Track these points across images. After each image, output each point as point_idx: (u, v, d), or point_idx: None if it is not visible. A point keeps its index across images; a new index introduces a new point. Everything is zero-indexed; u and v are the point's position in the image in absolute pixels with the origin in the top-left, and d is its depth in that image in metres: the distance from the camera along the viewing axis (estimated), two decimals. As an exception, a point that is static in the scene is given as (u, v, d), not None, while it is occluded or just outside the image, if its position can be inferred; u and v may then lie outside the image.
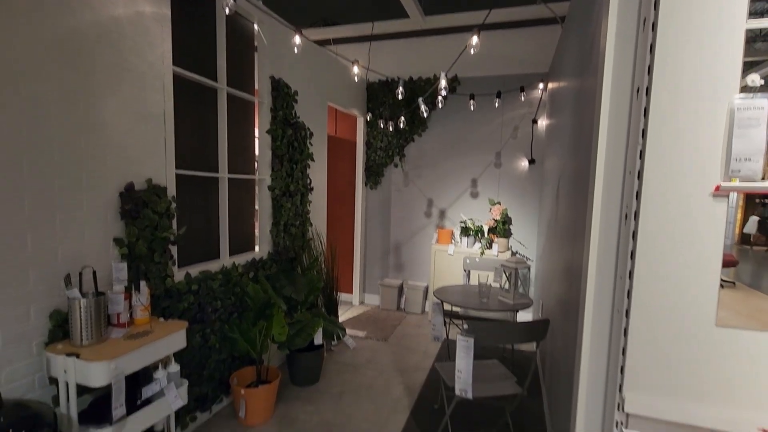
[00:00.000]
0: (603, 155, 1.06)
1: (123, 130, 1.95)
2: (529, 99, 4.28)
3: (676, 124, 0.96)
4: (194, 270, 2.43)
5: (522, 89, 4.12)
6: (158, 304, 2.16)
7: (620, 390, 1.03)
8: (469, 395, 2.01)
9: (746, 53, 0.92)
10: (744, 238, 0.99)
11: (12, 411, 1.37)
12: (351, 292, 5.09)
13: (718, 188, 0.93)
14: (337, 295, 3.72)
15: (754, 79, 0.91)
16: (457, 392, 2.03)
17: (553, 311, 2.53)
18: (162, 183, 2.17)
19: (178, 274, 2.32)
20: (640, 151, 0.99)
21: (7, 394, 1.52)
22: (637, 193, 0.99)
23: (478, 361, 2.44)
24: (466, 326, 2.00)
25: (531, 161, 4.34)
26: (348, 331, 4.09)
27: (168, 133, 2.19)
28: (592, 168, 1.09)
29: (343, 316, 4.63)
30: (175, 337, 1.91)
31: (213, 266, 2.58)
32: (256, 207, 3.11)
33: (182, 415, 2.37)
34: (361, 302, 5.12)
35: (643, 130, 0.99)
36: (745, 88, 0.93)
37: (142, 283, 1.93)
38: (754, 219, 0.98)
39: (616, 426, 1.04)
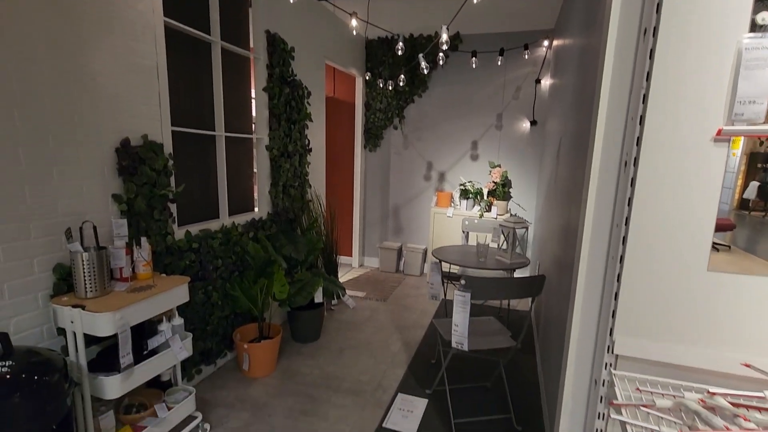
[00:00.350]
0: (606, 101, 1.04)
1: (115, 83, 1.91)
2: (533, 57, 4.16)
3: (682, 66, 0.94)
4: (194, 229, 2.45)
5: (526, 47, 4.00)
6: (160, 260, 2.19)
7: (611, 333, 1.06)
8: (465, 348, 2.08)
9: (757, 9, 0.89)
10: (743, 204, 0.99)
11: (23, 357, 1.42)
12: (350, 255, 5.15)
13: (719, 132, 0.92)
14: (336, 256, 3.77)
15: (765, 17, 0.88)
16: (454, 345, 2.10)
17: (550, 271, 2.57)
18: (158, 140, 2.14)
19: (179, 232, 2.34)
20: (644, 95, 0.97)
21: (16, 344, 1.57)
22: (638, 138, 0.99)
23: (474, 318, 2.51)
24: (463, 282, 2.03)
25: (533, 123, 4.28)
26: (348, 291, 4.18)
27: (162, 87, 2.15)
28: (594, 114, 1.08)
29: (343, 277, 4.71)
30: (177, 291, 1.95)
31: (213, 225, 2.60)
32: (255, 169, 3.09)
33: (188, 368, 2.46)
34: (361, 265, 5.20)
35: (648, 73, 0.96)
36: (754, 28, 0.90)
37: (143, 239, 1.95)
38: (754, 184, 0.98)
39: (605, 367, 1.08)
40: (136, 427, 1.85)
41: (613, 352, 1.06)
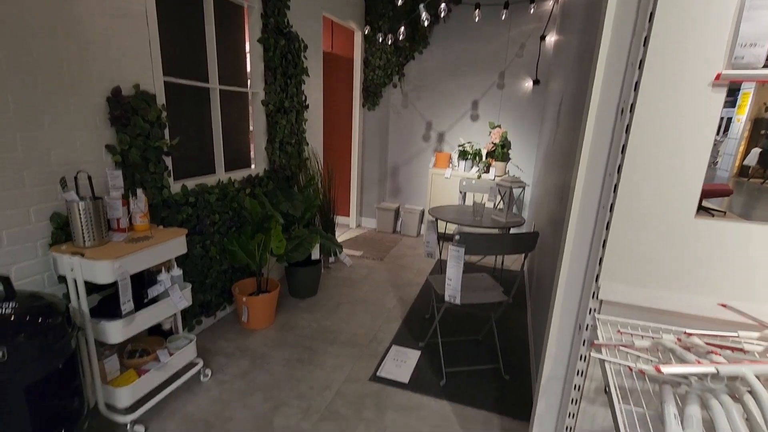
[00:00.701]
0: (607, 45, 1.02)
1: (103, 29, 1.84)
2: (539, 12, 4.00)
3: (685, 7, 0.90)
4: (190, 183, 2.44)
5: (532, 0, 3.84)
6: (157, 213, 2.20)
7: (596, 280, 1.09)
8: (458, 301, 2.13)
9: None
10: (743, 171, 0.99)
11: (26, 301, 1.46)
12: (348, 216, 5.18)
13: (718, 77, 0.90)
14: (333, 215, 3.78)
15: (777, -47, 0.84)
16: (447, 298, 2.15)
17: (544, 231, 2.60)
18: (150, 90, 2.10)
19: (175, 186, 2.34)
20: (645, 38, 0.95)
21: (19, 290, 1.61)
22: (636, 84, 0.97)
23: (468, 274, 2.56)
24: (457, 237, 2.06)
25: (536, 82, 4.18)
26: (345, 251, 4.24)
27: (152, 35, 2.07)
28: (594, 60, 1.05)
29: (341, 237, 4.76)
30: (175, 243, 1.97)
31: (209, 180, 2.59)
32: (251, 127, 3.04)
33: (188, 319, 2.53)
34: (358, 225, 5.23)
35: (651, 14, 0.93)
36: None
37: (139, 191, 1.95)
38: (755, 151, 0.97)
39: (590, 312, 1.11)
40: (140, 370, 1.92)
41: (597, 298, 1.09)
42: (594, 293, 1.09)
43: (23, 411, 1.38)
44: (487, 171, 4.32)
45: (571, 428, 1.21)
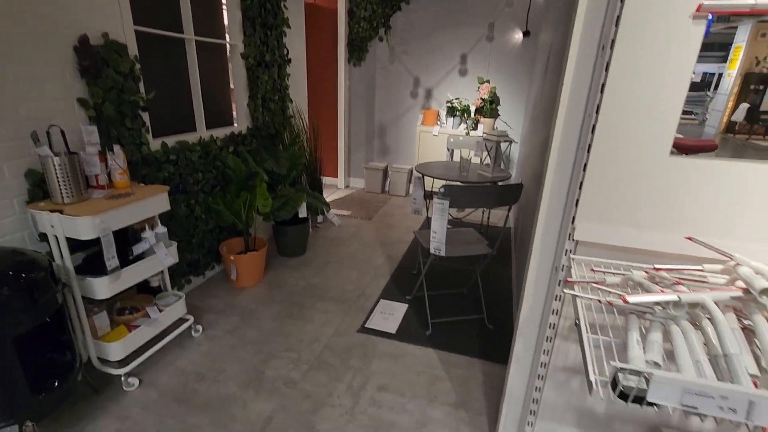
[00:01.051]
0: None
1: (63, -29, 1.72)
2: (530, -41, 3.83)
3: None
4: (170, 140, 2.38)
5: (522, -55, 3.65)
6: (137, 171, 2.16)
7: (573, 221, 1.11)
8: (443, 253, 2.17)
9: None
10: (730, 127, 0.98)
11: (8, 256, 1.45)
12: (336, 176, 5.14)
13: (699, 7, 0.88)
14: (320, 174, 3.75)
15: None
16: (432, 251, 2.19)
17: (529, 188, 2.61)
18: (120, 39, 1.99)
19: (154, 143, 2.28)
20: (628, -31, 0.91)
21: (-1, 246, 1.59)
22: (617, 18, 0.94)
23: (453, 229, 2.59)
24: (442, 190, 2.06)
25: (526, 33, 4.06)
26: (333, 211, 4.24)
27: (117, -21, 1.95)
28: (576, -5, 1.02)
29: (329, 198, 4.75)
30: (157, 199, 1.95)
31: (190, 138, 2.53)
32: (231, 82, 2.93)
33: (177, 278, 2.55)
34: (347, 186, 5.21)
35: (635, -58, 0.89)
36: None
37: (116, 147, 1.90)
38: (744, 106, 0.96)
39: (565, 254, 1.14)
40: (130, 326, 1.96)
41: (573, 239, 1.11)
42: (570, 234, 1.12)
43: (14, 363, 1.40)
44: (476, 128, 4.28)
45: (545, 364, 1.28)
